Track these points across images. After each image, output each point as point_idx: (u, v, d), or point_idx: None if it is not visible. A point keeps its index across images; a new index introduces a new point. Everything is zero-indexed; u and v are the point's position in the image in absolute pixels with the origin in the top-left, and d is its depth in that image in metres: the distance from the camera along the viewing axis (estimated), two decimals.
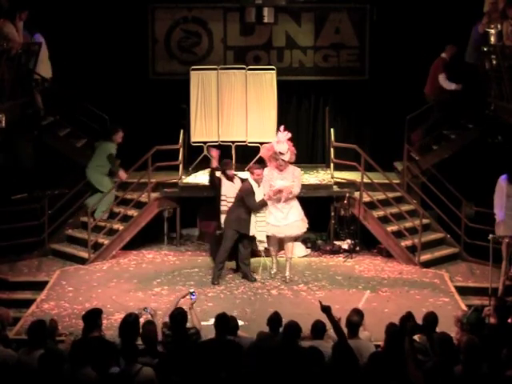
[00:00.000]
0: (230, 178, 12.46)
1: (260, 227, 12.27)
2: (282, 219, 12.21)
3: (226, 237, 12.25)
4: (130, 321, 7.99)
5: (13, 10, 12.97)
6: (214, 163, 12.58)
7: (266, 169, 12.39)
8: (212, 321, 9.51)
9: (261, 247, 12.54)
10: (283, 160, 12.22)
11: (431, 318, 8.27)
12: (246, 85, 14.67)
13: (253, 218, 12.18)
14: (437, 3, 14.64)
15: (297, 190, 12.31)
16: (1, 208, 12.96)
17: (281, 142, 12.28)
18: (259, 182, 12.21)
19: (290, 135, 12.48)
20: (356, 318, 8.06)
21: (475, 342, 7.14)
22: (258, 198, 12.14)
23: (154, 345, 7.74)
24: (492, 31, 13.00)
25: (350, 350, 6.95)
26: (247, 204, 12.10)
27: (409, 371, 6.97)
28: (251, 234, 12.23)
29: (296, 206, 12.36)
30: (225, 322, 8.14)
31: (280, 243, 12.60)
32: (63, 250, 13.56)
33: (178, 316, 8.23)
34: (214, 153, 12.66)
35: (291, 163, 12.48)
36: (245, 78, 14.71)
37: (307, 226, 12.61)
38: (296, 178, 12.35)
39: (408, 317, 7.93)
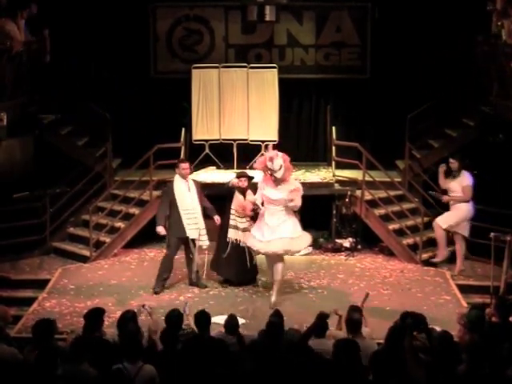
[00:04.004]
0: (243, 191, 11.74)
1: (190, 225, 11.56)
2: (269, 234, 10.99)
3: (169, 245, 11.84)
4: (128, 318, 7.97)
5: (14, 8, 12.99)
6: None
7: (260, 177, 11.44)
8: (216, 318, 9.56)
9: (203, 245, 11.77)
10: (275, 177, 10.98)
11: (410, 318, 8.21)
12: (248, 83, 14.69)
13: (183, 218, 11.57)
14: (438, 1, 14.64)
15: (297, 203, 10.97)
16: (2, 206, 12.97)
17: (274, 159, 10.96)
18: (185, 176, 11.64)
19: (276, 153, 11.11)
20: (357, 316, 8.05)
21: (478, 341, 7.13)
22: (182, 193, 11.55)
23: (135, 345, 7.32)
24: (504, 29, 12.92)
25: (354, 347, 6.91)
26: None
27: (409, 369, 6.97)
28: (187, 235, 11.58)
29: (291, 222, 11.06)
30: (205, 319, 8.06)
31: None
32: (65, 248, 13.58)
33: (174, 318, 8.12)
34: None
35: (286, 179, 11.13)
36: (246, 76, 14.73)
37: (304, 245, 11.50)
38: (293, 193, 10.96)
39: (406, 315, 7.90)
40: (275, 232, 10.97)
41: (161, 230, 11.67)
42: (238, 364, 7.09)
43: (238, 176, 11.89)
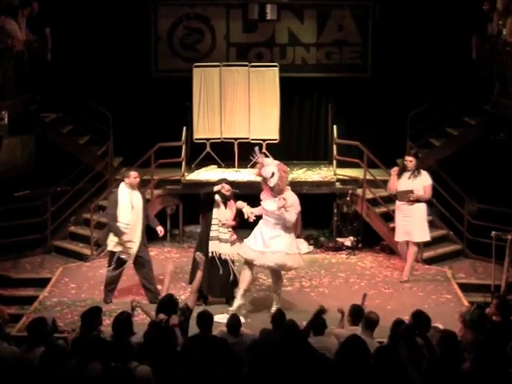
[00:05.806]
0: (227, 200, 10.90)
1: (113, 237, 10.97)
2: (262, 245, 10.37)
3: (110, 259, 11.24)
4: (122, 319, 7.94)
5: (16, 7, 13.01)
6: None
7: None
8: (218, 317, 9.56)
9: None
10: (270, 186, 10.27)
11: (422, 317, 8.19)
12: (249, 82, 14.70)
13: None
14: (439, 0, 14.64)
15: (289, 218, 10.20)
16: (3, 205, 12.98)
17: (267, 165, 10.34)
18: (135, 186, 11.03)
19: (263, 159, 10.50)
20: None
21: (481, 339, 7.12)
22: (124, 205, 10.89)
23: (124, 346, 7.19)
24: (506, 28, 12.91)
25: (363, 344, 6.89)
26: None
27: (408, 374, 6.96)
28: (109, 248, 11.05)
29: (287, 238, 10.36)
30: (207, 319, 8.07)
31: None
32: (66, 246, 13.59)
33: (169, 301, 8.21)
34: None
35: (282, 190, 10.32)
36: (247, 74, 14.73)
37: (299, 262, 10.64)
38: (289, 207, 10.20)
39: (399, 322, 7.84)
40: (269, 245, 10.35)
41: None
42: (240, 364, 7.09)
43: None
